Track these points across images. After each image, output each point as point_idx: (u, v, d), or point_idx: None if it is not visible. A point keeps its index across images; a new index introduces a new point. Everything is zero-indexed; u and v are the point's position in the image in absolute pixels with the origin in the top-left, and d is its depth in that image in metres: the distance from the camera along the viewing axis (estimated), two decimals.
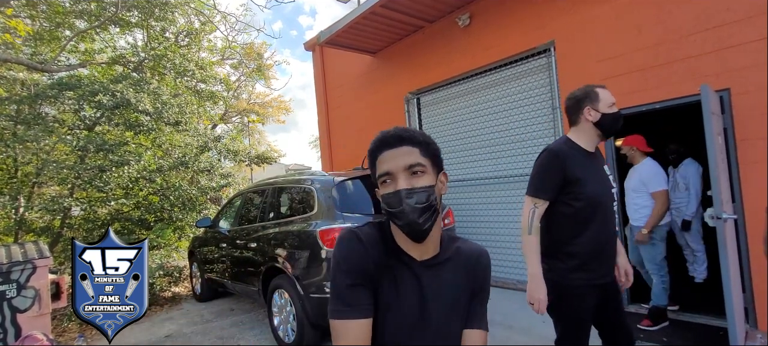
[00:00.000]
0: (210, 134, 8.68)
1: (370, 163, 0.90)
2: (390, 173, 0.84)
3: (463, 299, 0.93)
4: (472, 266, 0.95)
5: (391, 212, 0.83)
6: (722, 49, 3.19)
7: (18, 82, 6.76)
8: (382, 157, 0.86)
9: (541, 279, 1.74)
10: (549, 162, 1.80)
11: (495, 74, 4.90)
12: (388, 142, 0.86)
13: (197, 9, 8.61)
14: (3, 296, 3.07)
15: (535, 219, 1.77)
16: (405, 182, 0.82)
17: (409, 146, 0.85)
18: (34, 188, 6.71)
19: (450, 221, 3.96)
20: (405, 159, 0.84)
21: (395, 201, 0.82)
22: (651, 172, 3.40)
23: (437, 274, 0.89)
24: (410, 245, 0.88)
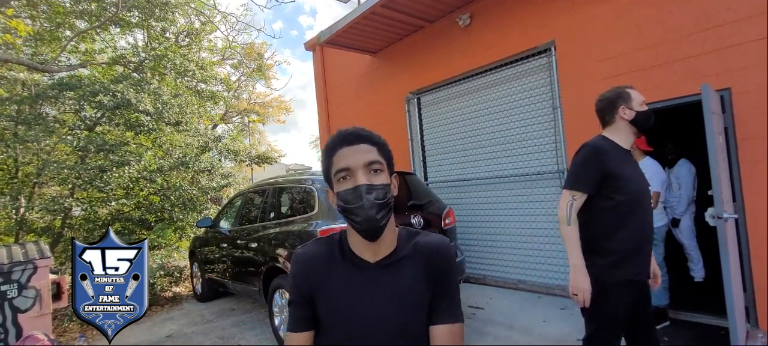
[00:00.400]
0: (210, 134, 8.69)
1: (325, 160, 0.89)
2: (349, 168, 0.84)
3: (422, 295, 0.88)
4: (429, 258, 0.91)
5: (349, 207, 0.83)
6: (723, 48, 3.19)
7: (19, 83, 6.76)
8: (341, 153, 0.86)
9: (584, 269, 1.74)
10: (589, 157, 1.82)
11: (495, 74, 4.90)
12: (347, 140, 0.87)
13: (197, 9, 8.62)
14: (4, 296, 3.08)
15: (573, 211, 1.79)
16: (365, 178, 0.83)
17: (367, 145, 0.87)
18: (34, 188, 6.72)
19: (451, 220, 3.96)
20: (364, 156, 0.85)
21: (354, 197, 0.82)
22: (651, 171, 3.39)
23: (393, 273, 0.88)
24: (364, 248, 0.88)
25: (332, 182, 0.88)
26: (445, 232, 3.84)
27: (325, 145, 0.90)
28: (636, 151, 3.53)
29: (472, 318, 3.97)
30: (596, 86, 3.91)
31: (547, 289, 4.45)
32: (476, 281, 5.15)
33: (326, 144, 0.90)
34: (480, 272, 5.15)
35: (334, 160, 0.86)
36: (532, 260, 4.62)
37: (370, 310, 0.86)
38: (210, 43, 10.35)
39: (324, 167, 0.91)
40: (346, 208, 0.84)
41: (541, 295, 4.42)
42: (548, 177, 4.42)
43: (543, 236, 4.51)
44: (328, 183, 0.91)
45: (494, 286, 4.94)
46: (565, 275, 4.32)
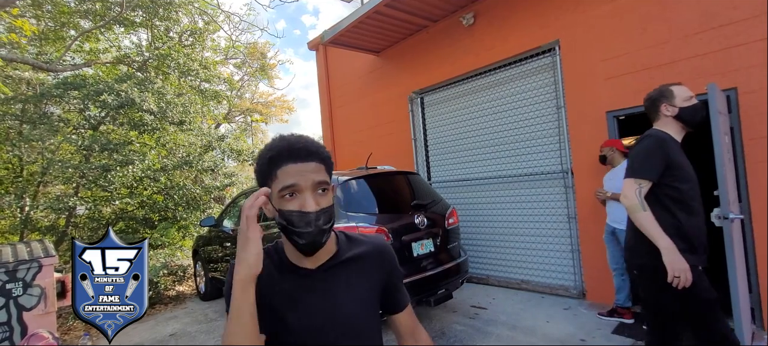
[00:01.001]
0: (214, 134, 8.71)
1: (266, 167, 0.83)
2: (296, 186, 0.80)
3: (374, 292, 0.94)
4: (376, 259, 0.95)
5: (294, 229, 0.80)
6: (729, 47, 3.16)
7: (23, 82, 6.80)
8: (287, 169, 0.80)
9: (676, 249, 1.73)
10: (654, 145, 1.87)
11: (499, 73, 4.88)
12: (296, 155, 0.81)
13: (201, 8, 8.64)
14: (9, 295, 3.09)
15: (643, 197, 1.83)
16: (313, 201, 0.80)
17: (316, 162, 0.82)
18: (39, 187, 6.76)
19: (454, 220, 3.95)
20: (313, 176, 0.81)
21: (302, 221, 0.79)
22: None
23: (337, 275, 0.90)
24: (301, 258, 0.88)
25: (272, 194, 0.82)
26: (449, 232, 3.83)
27: (267, 150, 0.83)
28: (616, 153, 3.54)
29: (475, 318, 3.96)
30: (600, 86, 3.90)
31: (551, 289, 4.43)
32: (479, 281, 5.14)
33: (270, 150, 0.83)
34: (483, 272, 5.13)
35: (279, 175, 0.81)
36: (536, 260, 4.60)
37: (318, 313, 0.86)
38: (213, 43, 10.38)
39: (262, 174, 0.84)
40: (289, 228, 0.81)
41: (545, 295, 4.41)
42: (552, 177, 4.41)
43: (546, 236, 4.49)
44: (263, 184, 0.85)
45: (497, 286, 4.92)
46: (569, 276, 4.31)
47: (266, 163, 0.83)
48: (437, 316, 4.05)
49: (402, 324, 1.00)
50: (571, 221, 4.24)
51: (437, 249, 3.65)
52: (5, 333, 3.07)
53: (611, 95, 3.83)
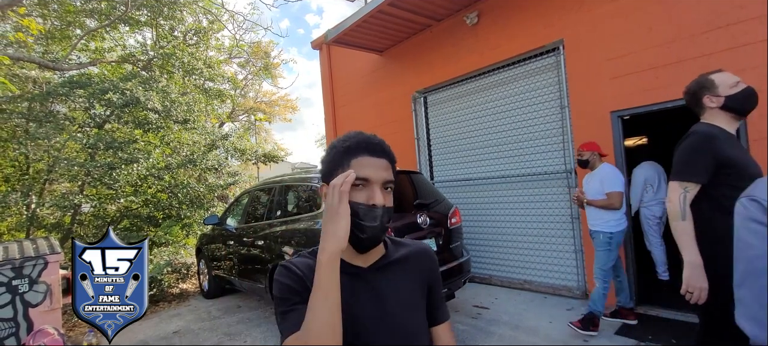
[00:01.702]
0: (217, 132, 8.75)
1: (338, 157, 0.85)
2: (369, 180, 0.82)
3: (418, 296, 0.94)
4: (421, 263, 0.97)
5: (359, 222, 0.81)
6: (735, 47, 3.14)
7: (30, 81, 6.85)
8: (362, 161, 0.83)
9: (701, 267, 1.59)
10: (698, 143, 1.67)
11: (503, 73, 4.87)
12: (371, 149, 0.84)
13: (205, 8, 8.67)
14: (15, 291, 3.13)
15: (687, 204, 1.64)
16: (381, 198, 0.82)
17: (387, 161, 0.86)
18: (45, 184, 6.81)
19: (457, 220, 3.95)
20: (384, 173, 0.84)
21: (368, 215, 0.81)
22: (611, 173, 3.37)
23: (388, 275, 0.90)
24: (354, 256, 0.88)
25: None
26: (451, 231, 3.83)
27: (344, 141, 0.86)
28: (597, 157, 3.50)
29: (477, 318, 3.96)
30: (605, 86, 3.88)
31: (554, 289, 4.42)
32: (482, 281, 5.13)
33: (346, 140, 0.86)
34: (486, 271, 5.12)
35: (353, 165, 0.83)
36: (539, 261, 4.59)
37: (369, 312, 0.86)
38: (217, 42, 10.42)
39: (332, 162, 0.86)
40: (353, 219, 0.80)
41: (547, 295, 4.39)
42: (555, 177, 4.39)
43: (550, 237, 4.48)
44: (327, 178, 0.86)
45: (500, 286, 4.91)
46: (572, 276, 4.29)
47: (341, 153, 0.85)
48: None
49: (441, 339, 0.98)
50: (574, 222, 4.22)
51: (440, 249, 3.65)
52: (11, 329, 3.10)
53: (616, 95, 3.81)
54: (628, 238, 3.84)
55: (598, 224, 3.38)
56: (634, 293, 3.80)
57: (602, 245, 3.34)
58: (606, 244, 3.33)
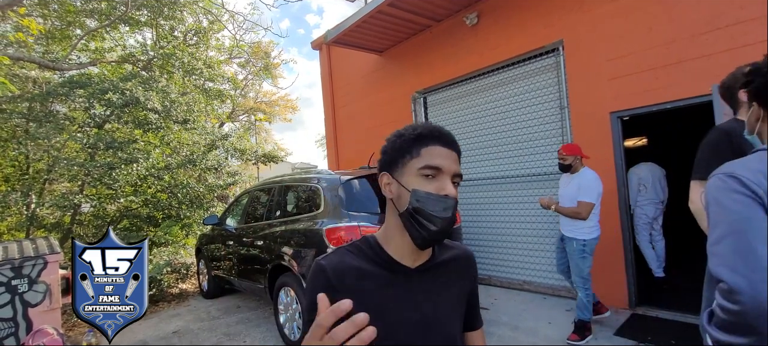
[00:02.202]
0: (217, 133, 8.75)
1: (408, 145, 0.80)
2: (441, 169, 0.78)
3: (460, 300, 0.92)
4: (465, 267, 0.94)
5: (427, 212, 0.76)
6: (735, 48, 3.14)
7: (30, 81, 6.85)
8: (435, 149, 0.79)
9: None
10: (718, 141, 1.59)
11: (503, 73, 4.87)
12: (443, 139, 0.81)
13: (205, 8, 8.67)
14: (15, 291, 3.13)
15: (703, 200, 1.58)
16: (451, 190, 0.79)
17: (456, 153, 0.83)
18: (45, 184, 6.81)
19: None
20: (455, 166, 0.81)
21: (439, 206, 0.76)
22: (591, 182, 3.21)
23: (434, 277, 0.87)
24: (405, 254, 0.83)
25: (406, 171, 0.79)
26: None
27: (413, 129, 0.81)
28: (579, 161, 3.35)
29: None
30: (605, 86, 3.88)
31: (553, 290, 4.42)
32: (481, 282, 5.13)
33: (415, 129, 0.81)
34: (485, 272, 5.12)
35: (424, 153, 0.78)
36: (538, 261, 4.59)
37: (415, 312, 0.82)
38: (217, 42, 10.43)
39: (399, 150, 0.81)
40: (420, 210, 0.76)
41: (547, 296, 4.39)
42: (555, 178, 4.38)
43: (549, 237, 4.47)
44: (390, 167, 0.82)
45: (499, 286, 4.91)
46: None
47: (411, 140, 0.80)
48: None
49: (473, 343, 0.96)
50: None
51: None
52: (11, 329, 3.10)
53: (615, 96, 3.81)
54: (628, 239, 3.84)
55: (571, 230, 3.27)
56: (635, 293, 3.80)
57: (577, 253, 3.25)
58: (580, 251, 3.23)
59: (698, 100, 3.30)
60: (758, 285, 0.79)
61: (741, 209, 0.89)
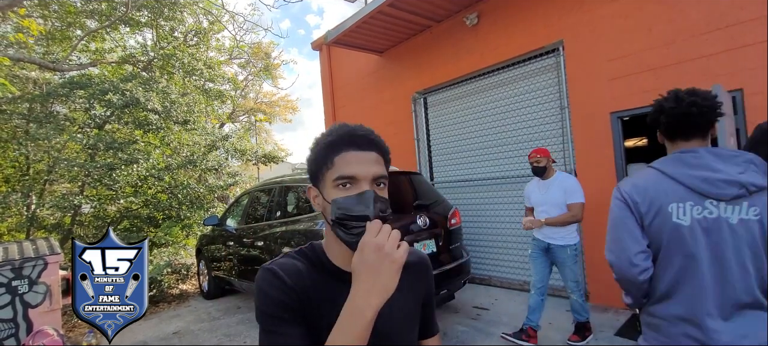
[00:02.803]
0: (218, 133, 8.75)
1: (322, 154, 0.76)
2: (355, 178, 0.73)
3: (415, 308, 0.89)
4: (420, 274, 0.91)
5: (353, 215, 0.71)
6: (735, 48, 3.14)
7: (30, 81, 6.86)
8: (347, 156, 0.74)
9: None
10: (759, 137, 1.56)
11: (503, 74, 4.87)
12: (357, 142, 0.75)
13: (206, 8, 8.68)
14: (15, 292, 3.13)
15: None
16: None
17: (377, 154, 0.76)
18: (45, 185, 6.81)
19: (457, 221, 3.95)
20: (374, 168, 0.74)
21: (360, 204, 0.71)
22: (575, 183, 3.16)
23: None
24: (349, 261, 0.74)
25: (324, 183, 0.76)
26: (451, 232, 3.82)
27: (326, 136, 0.77)
28: (550, 164, 3.28)
29: (477, 319, 3.95)
30: (605, 87, 3.88)
31: (554, 290, 4.41)
32: (481, 282, 5.13)
33: (329, 135, 0.77)
34: (485, 272, 5.12)
35: (337, 163, 0.74)
36: None
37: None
38: (218, 43, 10.44)
39: (316, 161, 0.77)
40: (347, 216, 0.72)
41: (547, 296, 4.38)
42: None
43: None
44: (314, 179, 0.78)
45: (499, 287, 4.91)
46: None
47: (324, 149, 0.76)
48: (439, 317, 4.04)
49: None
50: None
51: (439, 250, 3.64)
52: (11, 330, 3.10)
53: (616, 96, 3.81)
54: None
55: (563, 237, 3.15)
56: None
57: (571, 259, 3.15)
58: (574, 256, 3.15)
59: None
60: (623, 262, 1.26)
61: (617, 211, 1.31)
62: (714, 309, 1.15)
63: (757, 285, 1.15)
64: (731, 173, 1.17)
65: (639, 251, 1.24)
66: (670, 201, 1.22)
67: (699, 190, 1.19)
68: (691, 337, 1.17)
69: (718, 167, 1.19)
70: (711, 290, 1.16)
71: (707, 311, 1.15)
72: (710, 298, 1.16)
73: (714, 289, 1.16)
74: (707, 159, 1.21)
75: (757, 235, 1.14)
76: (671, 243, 1.21)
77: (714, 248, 1.16)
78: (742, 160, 1.20)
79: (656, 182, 1.26)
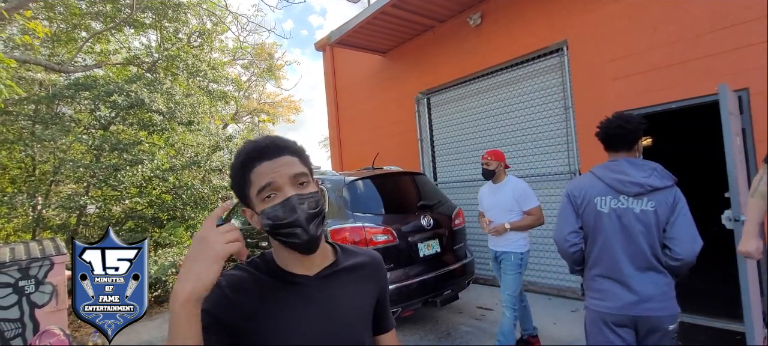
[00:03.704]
0: (221, 134, 8.79)
1: (239, 176, 0.79)
2: (273, 183, 0.76)
3: (371, 305, 0.91)
4: (373, 271, 0.93)
5: (282, 223, 0.74)
6: (740, 47, 3.12)
7: (36, 83, 6.92)
8: (260, 169, 0.77)
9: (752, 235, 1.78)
10: None
11: (506, 74, 4.86)
12: (266, 153, 0.77)
13: (209, 10, 8.72)
14: (22, 292, 3.15)
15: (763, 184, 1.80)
16: (293, 191, 0.76)
17: (289, 156, 0.79)
18: (51, 186, 6.86)
19: (460, 221, 3.94)
20: (289, 169, 0.77)
21: (286, 210, 0.74)
22: (527, 188, 3.03)
23: (336, 284, 0.85)
24: (297, 263, 0.82)
25: (251, 200, 0.78)
26: (455, 232, 3.82)
27: (237, 157, 0.80)
28: (502, 168, 3.16)
29: (481, 319, 3.95)
30: (609, 86, 3.87)
31: (558, 291, 4.40)
32: (485, 282, 5.12)
33: (239, 156, 0.80)
34: (489, 273, 5.11)
35: (253, 178, 0.77)
36: (543, 262, 4.57)
37: (312, 326, 0.80)
38: (221, 44, 10.47)
39: (237, 184, 0.80)
40: (277, 225, 0.75)
41: (552, 297, 4.38)
42: (560, 178, 4.37)
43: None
44: (244, 201, 0.81)
45: None
46: (576, 278, 4.27)
47: (239, 170, 0.79)
48: (443, 317, 4.04)
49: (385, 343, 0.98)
50: None
51: (443, 250, 3.64)
52: (18, 330, 3.13)
53: (620, 96, 3.79)
54: None
55: (507, 244, 2.99)
56: None
57: (513, 268, 2.95)
58: (517, 266, 2.96)
59: (704, 100, 3.28)
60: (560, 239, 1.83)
61: (562, 204, 1.86)
62: (627, 268, 1.67)
63: (651, 254, 1.65)
64: (637, 177, 1.67)
65: (571, 231, 1.80)
66: (596, 195, 1.75)
67: (615, 187, 1.70)
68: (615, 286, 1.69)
69: (630, 173, 1.69)
70: (625, 256, 1.67)
71: (622, 270, 1.67)
72: (624, 262, 1.67)
73: (626, 255, 1.67)
74: (624, 166, 1.72)
75: (652, 220, 1.64)
76: (596, 225, 1.74)
77: (624, 228, 1.68)
78: (648, 168, 1.69)
79: (589, 181, 1.79)
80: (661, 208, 1.64)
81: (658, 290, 1.64)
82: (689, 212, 1.66)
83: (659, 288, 1.64)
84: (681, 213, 1.65)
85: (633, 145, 1.79)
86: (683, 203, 1.66)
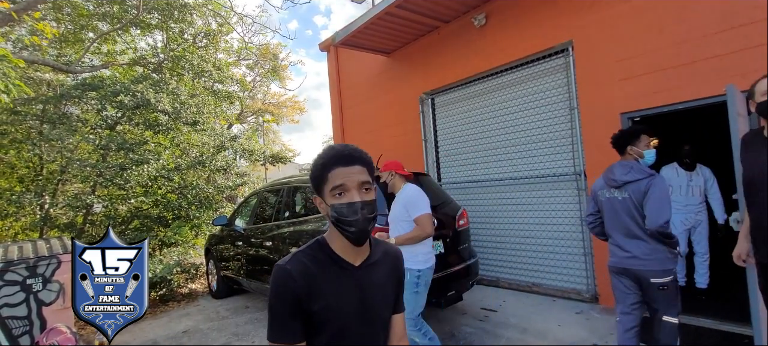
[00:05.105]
0: (226, 134, 8.83)
1: (319, 172, 0.99)
2: (344, 185, 0.95)
3: (392, 292, 1.12)
4: (396, 262, 1.14)
5: (344, 219, 0.95)
6: (749, 48, 3.08)
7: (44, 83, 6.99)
8: (337, 172, 0.96)
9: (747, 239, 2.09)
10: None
11: (511, 74, 4.84)
12: (343, 160, 0.97)
13: (215, 11, 8.76)
14: (29, 290, 3.18)
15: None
16: (358, 196, 0.96)
17: (360, 166, 0.98)
18: (58, 185, 6.92)
19: (464, 222, 3.93)
20: (358, 177, 0.97)
21: (350, 211, 0.95)
22: (414, 195, 2.78)
23: (371, 273, 1.05)
24: (349, 252, 1.02)
25: (325, 193, 0.98)
26: (459, 233, 3.81)
27: (320, 158, 0.99)
28: (396, 177, 2.92)
29: (485, 321, 3.94)
30: (615, 87, 3.84)
31: (563, 292, 4.38)
32: (489, 283, 5.10)
33: (322, 158, 0.99)
34: (493, 274, 5.09)
35: (330, 177, 0.97)
36: (547, 263, 4.55)
37: (357, 305, 1.01)
38: (226, 44, 10.52)
39: (316, 178, 1.00)
40: (341, 219, 0.95)
41: (556, 298, 4.35)
42: (565, 179, 4.35)
43: (558, 239, 4.44)
44: (318, 192, 1.01)
45: (507, 289, 4.88)
46: (581, 279, 4.25)
47: (319, 169, 0.98)
48: (447, 318, 4.04)
49: (397, 325, 1.15)
50: (583, 224, 4.18)
51: (447, 251, 3.63)
52: (25, 327, 3.16)
53: (626, 96, 3.77)
54: None
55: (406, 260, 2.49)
56: None
57: (409, 286, 2.63)
58: (414, 285, 2.66)
59: (711, 101, 3.25)
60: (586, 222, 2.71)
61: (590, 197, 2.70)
62: (619, 237, 2.42)
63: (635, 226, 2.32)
64: (617, 175, 2.40)
65: (589, 214, 2.66)
66: (600, 188, 2.54)
67: (608, 183, 2.47)
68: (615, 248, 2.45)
69: (615, 172, 2.43)
70: (617, 228, 2.43)
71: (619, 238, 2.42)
72: (617, 232, 2.43)
73: (617, 228, 2.42)
74: (614, 167, 2.46)
75: (630, 204, 2.34)
76: (603, 209, 2.52)
77: (614, 210, 2.43)
78: (628, 167, 2.37)
79: (599, 179, 2.57)
80: (634, 195, 2.31)
81: (641, 252, 2.30)
82: (662, 195, 2.23)
83: (641, 250, 2.30)
84: (651, 196, 2.24)
85: (623, 151, 2.46)
86: (655, 189, 2.24)
